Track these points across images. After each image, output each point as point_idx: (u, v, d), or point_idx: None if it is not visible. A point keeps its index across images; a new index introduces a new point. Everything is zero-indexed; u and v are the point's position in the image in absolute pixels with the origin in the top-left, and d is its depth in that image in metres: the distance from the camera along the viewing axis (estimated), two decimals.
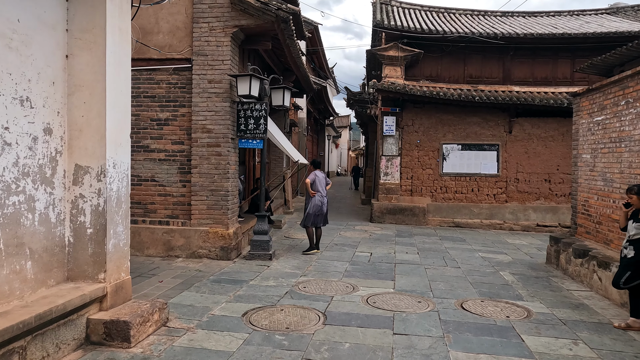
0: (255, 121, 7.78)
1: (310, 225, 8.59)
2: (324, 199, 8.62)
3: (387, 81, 13.26)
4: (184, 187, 7.81)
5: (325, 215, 8.74)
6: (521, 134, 13.34)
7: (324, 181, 8.71)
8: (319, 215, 8.58)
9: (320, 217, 8.60)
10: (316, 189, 8.55)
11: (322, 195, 8.61)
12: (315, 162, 8.85)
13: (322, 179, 8.67)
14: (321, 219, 8.65)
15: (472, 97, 12.65)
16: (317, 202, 8.53)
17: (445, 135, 13.54)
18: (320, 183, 8.59)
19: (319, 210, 8.55)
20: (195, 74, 7.69)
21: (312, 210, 8.52)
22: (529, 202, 13.33)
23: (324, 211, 8.65)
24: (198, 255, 7.67)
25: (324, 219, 8.75)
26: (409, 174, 13.63)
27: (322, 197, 8.61)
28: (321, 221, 8.68)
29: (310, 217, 8.54)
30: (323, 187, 8.65)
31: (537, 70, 13.79)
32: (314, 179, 8.53)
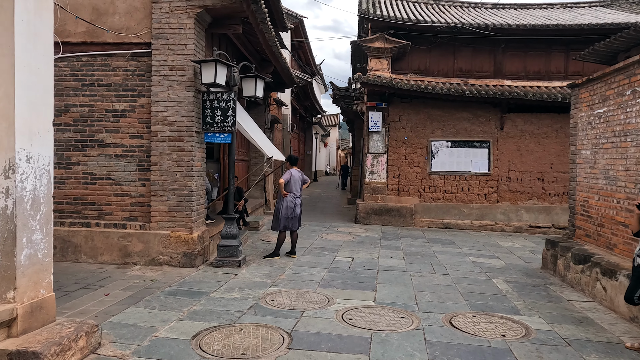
0: (222, 113, 7.00)
1: (282, 229, 7.84)
2: (296, 200, 7.87)
3: (373, 74, 12.54)
4: (143, 186, 7.01)
5: (299, 218, 7.99)
6: (513, 131, 12.69)
7: (300, 180, 7.97)
8: (293, 217, 7.83)
9: (294, 219, 7.86)
10: (289, 190, 7.81)
11: (296, 195, 7.87)
12: (292, 158, 8.09)
13: (298, 178, 7.93)
14: (295, 222, 7.90)
15: (461, 91, 11.97)
16: (289, 204, 7.79)
17: (434, 132, 12.86)
18: (295, 182, 7.85)
19: (292, 213, 7.81)
20: (155, 60, 6.88)
21: (284, 212, 7.77)
22: (521, 202, 12.70)
23: (297, 213, 7.90)
24: (158, 263, 6.87)
25: (298, 222, 8.01)
26: (396, 172, 12.93)
27: (295, 197, 7.86)
28: (296, 224, 7.93)
29: (281, 220, 7.79)
30: (298, 187, 7.91)
31: (529, 63, 13.15)
32: (289, 178, 7.78)
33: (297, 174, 7.96)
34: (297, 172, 7.97)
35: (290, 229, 7.91)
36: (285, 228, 7.85)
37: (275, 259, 7.85)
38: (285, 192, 7.77)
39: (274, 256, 7.91)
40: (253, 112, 13.73)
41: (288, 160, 8.08)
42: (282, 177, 7.79)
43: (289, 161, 8.05)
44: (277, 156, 8.14)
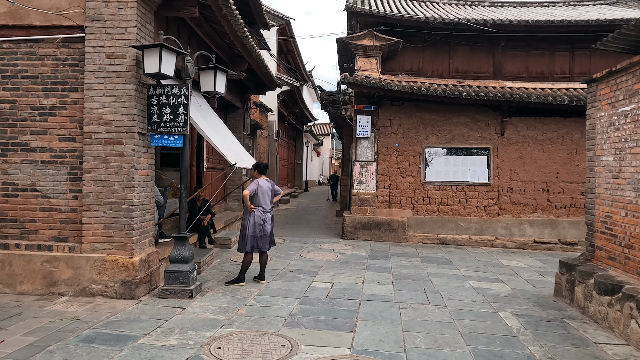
0: (172, 110, 5.79)
1: (250, 249, 6.62)
2: (266, 215, 6.67)
3: (361, 75, 11.40)
4: (76, 199, 5.76)
5: (270, 235, 6.78)
6: (515, 137, 11.55)
7: (270, 192, 6.78)
8: (262, 236, 6.62)
9: (264, 238, 6.64)
10: (257, 203, 6.61)
11: (265, 209, 6.67)
12: (260, 165, 6.89)
13: (268, 190, 6.74)
14: (266, 241, 6.69)
15: (458, 93, 10.84)
16: (257, 220, 6.59)
17: (428, 138, 11.70)
18: (264, 194, 6.66)
19: (261, 230, 6.60)
20: (89, 46, 5.68)
21: (252, 230, 6.57)
22: (524, 215, 11.52)
23: (268, 230, 6.69)
24: (90, 293, 5.61)
25: (270, 241, 6.79)
26: (386, 182, 11.74)
27: (265, 212, 6.66)
28: (266, 243, 6.71)
29: (248, 239, 6.58)
30: (268, 200, 6.72)
31: (531, 64, 12.06)
32: (256, 189, 6.59)
33: (267, 185, 6.77)
34: (266, 182, 6.78)
35: (260, 250, 6.69)
36: (253, 249, 6.63)
37: (239, 285, 6.62)
38: (251, 206, 6.57)
39: (238, 282, 6.68)
40: (231, 116, 12.55)
41: (255, 168, 6.88)
42: (247, 188, 6.59)
43: (257, 169, 6.85)
44: (241, 163, 6.93)
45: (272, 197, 6.84)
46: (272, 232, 6.86)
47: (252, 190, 6.54)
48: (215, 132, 7.93)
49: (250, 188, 6.56)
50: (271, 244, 6.87)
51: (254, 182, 6.66)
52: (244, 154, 8.74)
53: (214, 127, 8.30)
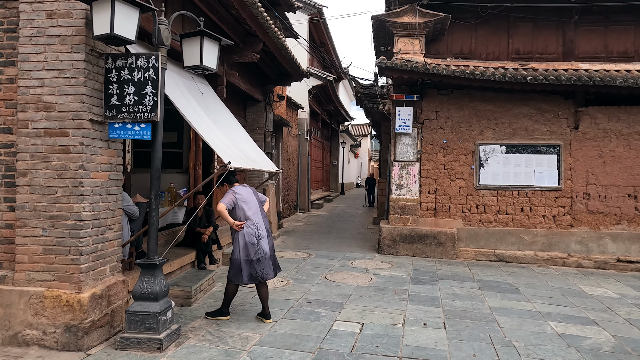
0: (137, 89, 4.20)
1: (248, 281, 4.96)
2: (260, 230, 5.02)
3: (401, 58, 9.55)
4: (11, 210, 4.27)
5: (272, 257, 5.10)
6: (592, 130, 9.38)
7: (255, 201, 5.17)
8: (260, 259, 4.95)
9: (262, 262, 4.98)
10: (242, 217, 4.99)
11: (255, 223, 5.01)
12: (229, 177, 5.27)
13: (250, 199, 5.14)
14: (267, 265, 5.01)
15: (522, 77, 8.80)
16: (248, 239, 4.93)
17: (482, 133, 9.70)
18: (248, 204, 5.06)
19: (257, 252, 4.94)
20: (24, 2, 4.17)
21: (243, 253, 4.92)
22: (605, 226, 9.31)
23: (267, 250, 5.02)
24: (24, 341, 4.08)
25: (273, 265, 5.11)
26: (431, 186, 9.82)
27: (256, 226, 5.01)
28: (269, 268, 5.03)
29: (242, 267, 4.91)
30: (257, 210, 5.10)
31: (612, 41, 9.83)
32: (232, 200, 4.98)
33: (248, 192, 5.18)
34: (246, 190, 5.18)
35: (261, 279, 5.00)
36: (252, 278, 4.96)
37: (222, 319, 5.02)
38: (236, 223, 4.93)
39: (221, 315, 5.13)
40: (251, 110, 11.00)
41: (224, 182, 5.26)
42: (222, 200, 4.94)
43: (226, 182, 5.25)
44: (237, 163, 5.20)
45: (261, 207, 5.21)
46: (273, 252, 5.18)
47: (229, 202, 4.92)
48: (215, 123, 6.33)
49: (225, 200, 4.93)
50: (276, 268, 5.19)
51: (229, 192, 5.04)
52: (257, 154, 7.09)
53: (217, 118, 6.72)
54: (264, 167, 6.52)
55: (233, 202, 4.93)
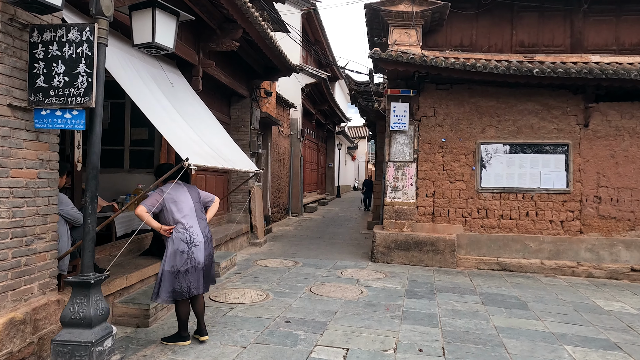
0: (68, 68, 3.43)
1: (170, 298, 4.19)
2: (193, 235, 4.26)
3: (396, 50, 8.81)
4: None
5: (206, 268, 4.34)
6: (604, 128, 8.64)
7: (188, 201, 4.40)
8: (189, 270, 4.20)
9: (192, 274, 4.21)
10: (168, 220, 4.26)
11: (187, 227, 4.25)
12: (163, 169, 4.52)
13: (182, 199, 4.37)
14: (195, 280, 4.24)
15: (527, 70, 8.07)
16: (178, 246, 4.18)
17: (484, 131, 8.96)
18: (176, 207, 4.29)
19: (187, 261, 4.19)
20: None
21: (169, 263, 4.18)
22: (617, 233, 8.57)
23: (200, 260, 4.26)
24: None
25: (205, 278, 4.34)
26: (429, 188, 9.07)
27: (188, 231, 4.25)
28: (196, 284, 4.26)
29: (164, 279, 4.16)
30: (190, 213, 4.34)
31: (624, 32, 9.11)
32: (159, 202, 4.21)
33: (182, 191, 4.41)
34: (180, 189, 4.42)
35: (186, 294, 4.22)
36: (175, 295, 4.18)
37: (180, 345, 4.25)
38: (163, 227, 4.20)
39: (180, 340, 4.32)
40: (235, 107, 10.24)
41: (157, 175, 4.53)
42: (143, 202, 4.19)
43: (158, 175, 4.52)
44: (197, 160, 4.41)
45: (200, 209, 4.46)
46: (210, 262, 4.41)
47: (151, 204, 4.17)
48: (184, 117, 5.57)
49: (147, 201, 4.19)
50: (208, 282, 4.43)
51: (156, 191, 4.27)
52: (233, 152, 6.32)
53: (188, 112, 5.97)
54: (239, 167, 5.76)
55: (155, 205, 4.18)
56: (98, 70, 3.48)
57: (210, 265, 4.45)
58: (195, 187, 4.66)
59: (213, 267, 4.53)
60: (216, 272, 7.06)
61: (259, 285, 6.69)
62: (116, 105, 7.42)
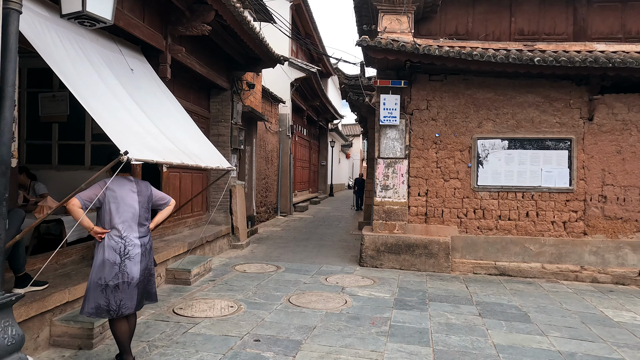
0: None
1: (94, 312, 3.54)
2: (129, 246, 3.63)
3: (386, 37, 8.16)
4: None
5: (142, 284, 3.71)
6: (610, 122, 8.03)
7: (133, 203, 3.73)
8: (120, 286, 3.57)
9: (124, 290, 3.58)
10: (105, 222, 3.63)
11: (123, 235, 3.62)
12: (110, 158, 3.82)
13: (126, 198, 3.71)
14: (127, 298, 3.60)
15: (528, 59, 7.44)
16: (108, 256, 3.55)
17: (481, 125, 8.33)
18: (117, 207, 3.64)
19: (117, 275, 3.56)
20: None
21: (96, 275, 3.55)
22: (624, 234, 7.96)
23: (134, 274, 3.62)
24: None
25: (139, 296, 3.69)
26: (422, 187, 8.44)
27: (124, 240, 3.62)
28: (128, 302, 3.62)
29: (93, 292, 3.53)
30: (131, 217, 3.70)
31: (630, 19, 8.49)
32: (94, 197, 3.54)
33: (128, 188, 3.75)
34: (127, 185, 3.77)
35: (113, 314, 3.58)
36: (100, 311, 3.53)
37: None
38: (95, 230, 3.57)
39: None
40: (215, 100, 9.56)
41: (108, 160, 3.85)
42: (78, 194, 3.50)
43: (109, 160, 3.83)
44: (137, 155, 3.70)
45: (146, 213, 3.79)
46: (147, 277, 3.77)
47: (87, 198, 3.49)
48: (143, 106, 4.90)
49: (84, 194, 3.51)
50: (142, 299, 3.78)
51: (96, 184, 3.60)
52: (201, 148, 5.65)
53: (149, 101, 5.31)
54: (206, 163, 5.08)
55: (98, 200, 3.53)
56: (7, 43, 2.80)
57: (149, 279, 3.81)
58: (147, 185, 3.99)
59: (153, 281, 3.89)
60: (186, 280, 6.42)
61: (232, 295, 6.03)
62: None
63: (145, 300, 3.89)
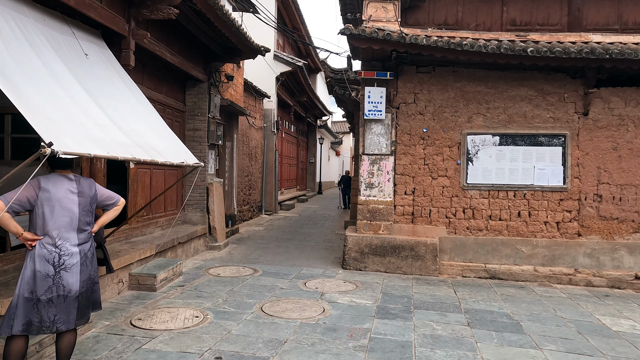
0: None
1: (21, 329, 3.05)
2: (65, 256, 3.16)
3: (371, 26, 7.67)
4: None
5: (83, 296, 3.25)
6: (606, 117, 7.63)
7: (72, 205, 3.25)
8: (53, 301, 3.11)
9: (56, 305, 3.12)
10: (37, 228, 3.15)
11: (57, 242, 3.14)
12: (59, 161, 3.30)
13: (63, 200, 3.21)
14: (61, 312, 3.14)
15: (521, 49, 7.00)
16: (40, 267, 3.09)
17: (471, 120, 7.89)
18: (50, 210, 3.15)
19: (49, 288, 3.09)
20: None
21: (25, 286, 3.08)
22: (620, 236, 7.57)
23: (72, 287, 3.17)
24: None
25: (78, 310, 3.23)
26: (408, 185, 7.98)
27: (59, 248, 3.15)
28: (63, 316, 3.16)
29: (23, 308, 3.05)
30: (68, 222, 3.21)
31: (627, 9, 8.08)
32: (25, 199, 3.06)
33: (68, 190, 3.25)
34: (68, 185, 3.27)
35: (47, 330, 3.12)
36: (31, 329, 3.06)
37: None
38: (25, 236, 3.10)
39: None
40: (191, 92, 9.03)
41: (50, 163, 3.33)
42: (4, 195, 3.00)
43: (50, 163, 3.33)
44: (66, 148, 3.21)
45: (87, 213, 3.32)
46: (88, 289, 3.30)
47: (15, 203, 2.99)
48: (93, 94, 4.38)
49: (9, 195, 3.00)
50: (88, 311, 3.35)
51: (27, 185, 3.05)
52: (163, 141, 5.13)
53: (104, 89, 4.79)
54: (164, 159, 4.56)
55: (29, 202, 3.05)
56: None
57: (91, 289, 3.32)
58: (91, 184, 3.48)
59: (96, 290, 3.40)
60: (152, 286, 5.90)
61: (200, 303, 5.53)
62: None
63: (91, 311, 3.41)
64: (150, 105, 5.64)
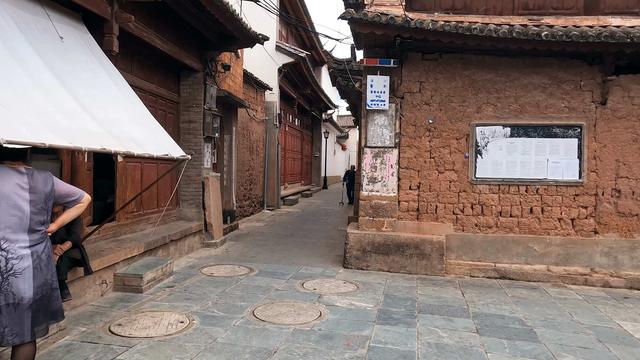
0: None
1: None
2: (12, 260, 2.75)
3: (374, 10, 7.21)
4: None
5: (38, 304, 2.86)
6: (625, 106, 7.13)
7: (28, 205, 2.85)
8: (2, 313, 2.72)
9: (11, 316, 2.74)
10: None
11: (4, 247, 2.74)
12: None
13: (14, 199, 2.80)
14: (20, 323, 2.77)
15: (534, 34, 6.51)
16: None
17: (480, 110, 7.42)
18: (8, 209, 2.77)
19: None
20: None
21: None
22: (639, 233, 7.09)
23: (24, 295, 2.77)
24: None
25: (35, 319, 2.85)
26: (413, 180, 7.54)
27: (7, 255, 2.74)
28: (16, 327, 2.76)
29: None
30: (15, 222, 2.79)
31: None
32: None
33: (15, 185, 2.83)
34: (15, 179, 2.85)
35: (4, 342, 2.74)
36: None
37: None
38: None
39: None
40: (186, 82, 8.63)
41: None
42: None
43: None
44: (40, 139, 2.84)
45: (41, 212, 2.93)
46: (48, 292, 2.93)
47: None
48: (64, 80, 3.98)
49: None
50: (46, 321, 2.96)
51: None
52: (144, 132, 4.72)
53: (81, 76, 4.40)
54: (142, 151, 4.17)
55: None
56: None
57: (49, 296, 2.93)
58: (48, 179, 3.06)
59: (55, 297, 3.00)
60: (138, 287, 5.53)
61: (187, 306, 5.15)
62: None
63: (50, 321, 3.03)
64: (134, 94, 5.24)
